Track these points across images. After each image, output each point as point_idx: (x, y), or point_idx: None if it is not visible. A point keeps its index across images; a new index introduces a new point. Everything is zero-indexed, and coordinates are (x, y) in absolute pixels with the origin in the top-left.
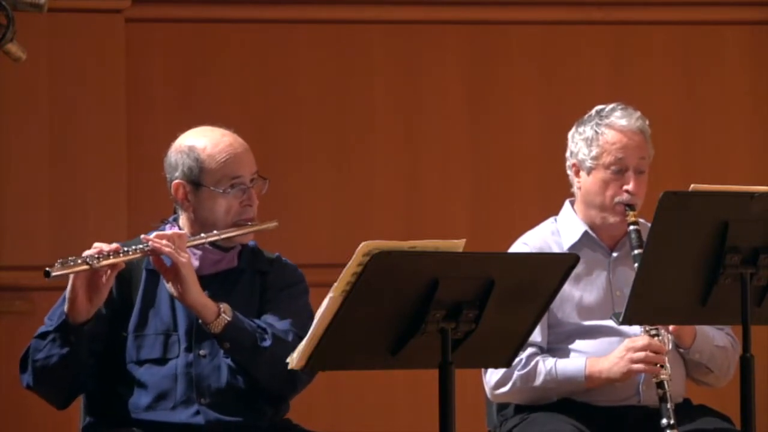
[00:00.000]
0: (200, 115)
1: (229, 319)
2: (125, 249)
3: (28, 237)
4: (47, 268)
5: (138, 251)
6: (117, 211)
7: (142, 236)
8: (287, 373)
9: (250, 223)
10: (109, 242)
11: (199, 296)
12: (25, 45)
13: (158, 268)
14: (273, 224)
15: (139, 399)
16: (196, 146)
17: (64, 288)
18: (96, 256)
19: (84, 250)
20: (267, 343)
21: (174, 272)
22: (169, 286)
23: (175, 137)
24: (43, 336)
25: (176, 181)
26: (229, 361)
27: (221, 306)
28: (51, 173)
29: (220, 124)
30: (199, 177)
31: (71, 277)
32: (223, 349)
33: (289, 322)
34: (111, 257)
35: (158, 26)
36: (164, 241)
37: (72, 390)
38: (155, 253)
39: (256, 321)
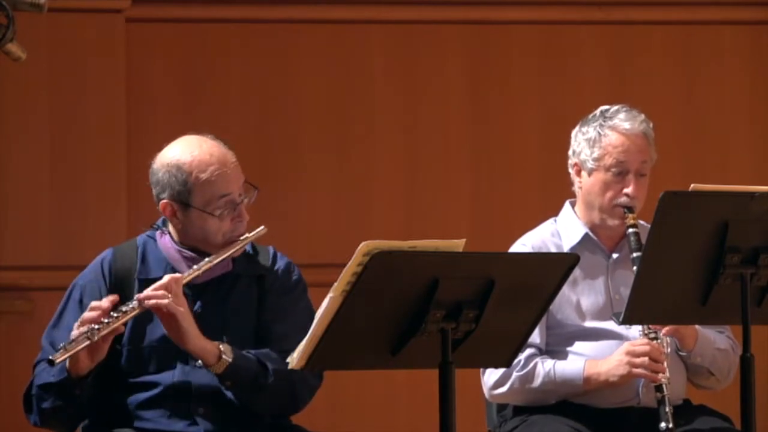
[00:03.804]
0: (200, 114)
1: (230, 360)
2: (123, 309)
3: (28, 237)
4: (50, 357)
5: (137, 308)
6: (117, 211)
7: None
8: (288, 403)
9: (241, 238)
10: (109, 243)
11: (198, 341)
12: (25, 45)
13: (156, 312)
14: (262, 230)
15: (136, 410)
16: (183, 166)
17: (64, 289)
18: (96, 327)
19: (84, 250)
20: (268, 380)
21: (172, 322)
22: (170, 330)
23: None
24: (46, 387)
25: (164, 201)
26: None
27: (222, 347)
28: (51, 173)
29: (220, 124)
30: (188, 198)
31: None
32: (224, 387)
33: (292, 336)
34: (111, 323)
35: (158, 26)
36: (161, 292)
37: (79, 422)
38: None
39: (258, 354)
